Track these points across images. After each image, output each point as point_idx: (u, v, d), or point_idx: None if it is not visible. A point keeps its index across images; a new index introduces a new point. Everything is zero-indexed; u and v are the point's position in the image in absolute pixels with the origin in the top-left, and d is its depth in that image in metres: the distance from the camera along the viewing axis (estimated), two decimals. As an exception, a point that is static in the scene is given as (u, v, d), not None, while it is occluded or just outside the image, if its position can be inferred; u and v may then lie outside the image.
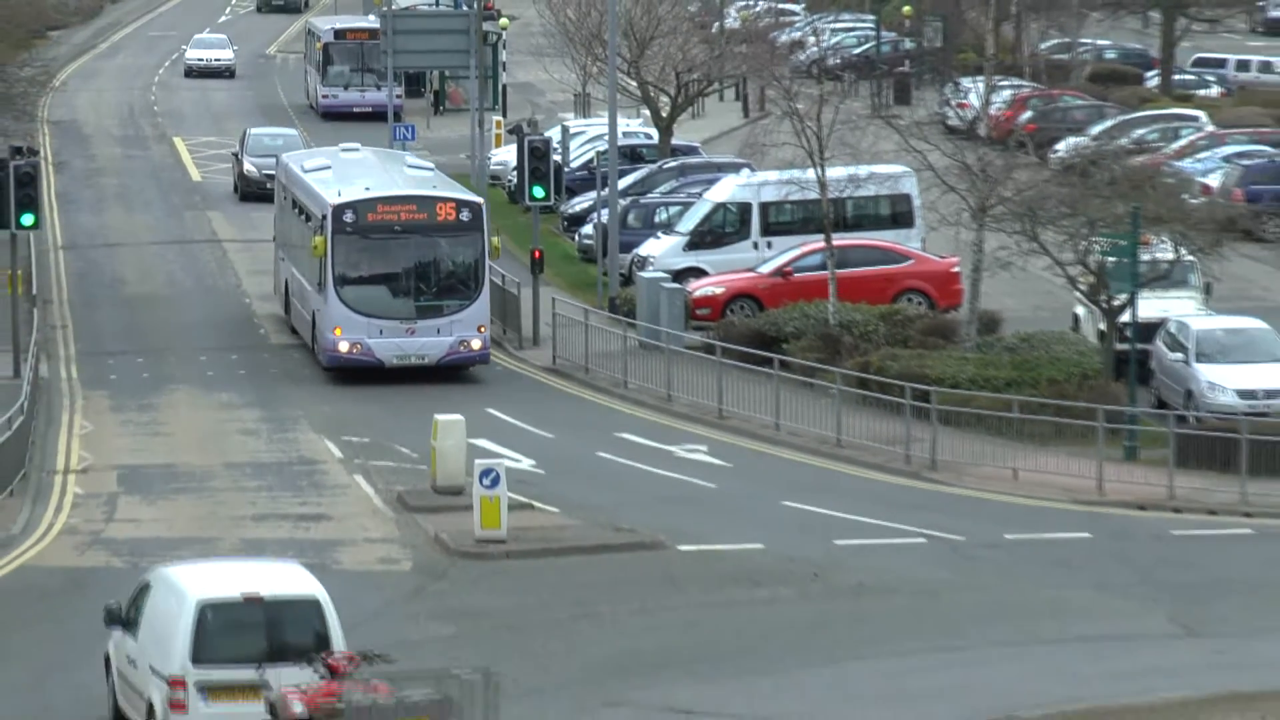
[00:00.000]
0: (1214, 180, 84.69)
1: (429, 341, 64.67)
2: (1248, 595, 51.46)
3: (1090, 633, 48.45)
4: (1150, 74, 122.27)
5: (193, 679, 38.34)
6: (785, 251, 76.68)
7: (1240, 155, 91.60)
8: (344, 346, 64.45)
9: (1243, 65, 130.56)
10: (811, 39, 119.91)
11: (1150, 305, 64.78)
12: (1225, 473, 58.67)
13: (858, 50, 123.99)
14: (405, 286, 64.76)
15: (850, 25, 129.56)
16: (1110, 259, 64.77)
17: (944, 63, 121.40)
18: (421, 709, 37.82)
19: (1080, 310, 69.00)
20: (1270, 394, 62.63)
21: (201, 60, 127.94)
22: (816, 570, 52.91)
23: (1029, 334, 68.76)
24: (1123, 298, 64.05)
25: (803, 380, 66.11)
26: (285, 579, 42.40)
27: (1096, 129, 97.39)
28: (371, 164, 77.06)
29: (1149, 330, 65.20)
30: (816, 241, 73.81)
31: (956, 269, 73.42)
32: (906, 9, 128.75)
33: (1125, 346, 63.94)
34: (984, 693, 43.72)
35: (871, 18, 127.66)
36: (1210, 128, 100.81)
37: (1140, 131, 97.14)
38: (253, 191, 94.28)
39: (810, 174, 75.51)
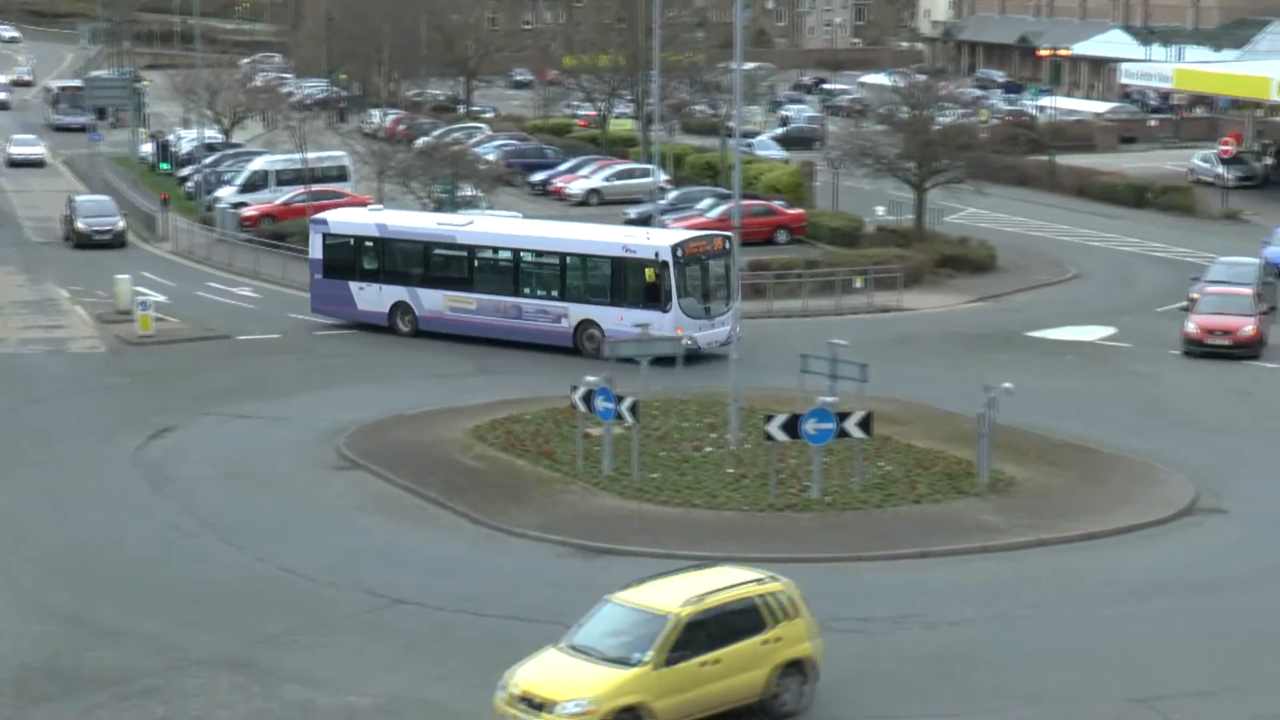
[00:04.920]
0: (492, 156, 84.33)
1: (719, 331, 48.82)
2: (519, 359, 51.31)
3: (438, 374, 48.15)
4: (460, 105, 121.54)
5: None
6: (288, 193, 74.54)
7: (503, 145, 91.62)
8: (684, 341, 46.00)
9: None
10: (297, 90, 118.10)
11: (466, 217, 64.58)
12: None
13: (320, 95, 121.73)
14: (706, 294, 49.61)
15: (316, 84, 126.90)
16: (442, 194, 64.58)
17: (362, 102, 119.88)
18: None
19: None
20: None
21: (20, 154, 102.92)
22: (307, 347, 52.22)
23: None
24: (451, 212, 63.91)
25: (298, 254, 64.58)
26: None
27: (436, 133, 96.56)
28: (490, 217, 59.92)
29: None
30: (301, 188, 72.31)
31: (370, 200, 72.31)
32: (343, 76, 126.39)
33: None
34: (392, 402, 43.41)
35: (327, 79, 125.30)
36: (489, 131, 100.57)
37: (456, 134, 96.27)
38: (84, 243, 71.33)
39: (298, 156, 74.31)
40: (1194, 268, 59.50)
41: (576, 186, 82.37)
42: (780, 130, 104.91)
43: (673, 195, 73.54)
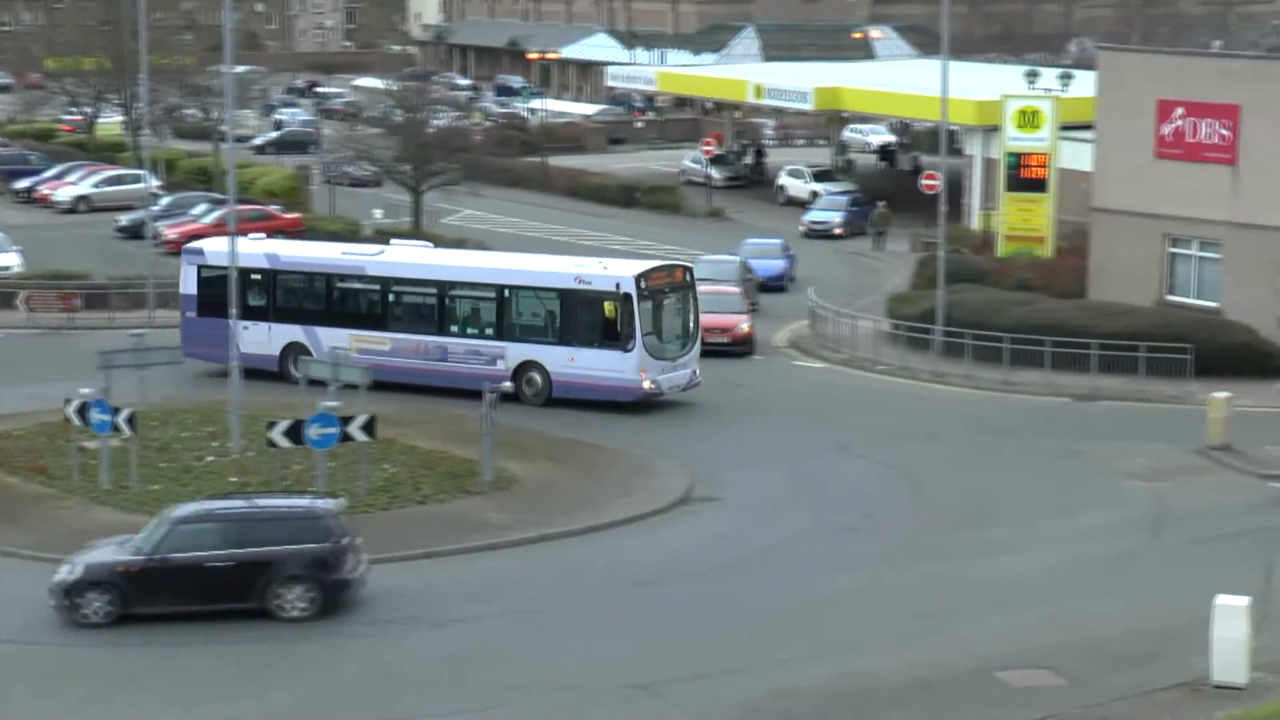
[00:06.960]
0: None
1: (680, 374, 43.75)
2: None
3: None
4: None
5: None
6: None
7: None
8: (647, 385, 42.63)
9: None
10: None
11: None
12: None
13: None
14: (669, 334, 43.74)
15: None
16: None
17: None
18: None
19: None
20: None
21: None
22: None
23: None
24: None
25: None
26: None
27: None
28: (402, 248, 47.91)
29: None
30: None
31: None
32: None
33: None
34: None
35: None
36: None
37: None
38: None
39: None
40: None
41: (64, 194, 79.66)
42: (275, 134, 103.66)
43: (166, 201, 71.88)
